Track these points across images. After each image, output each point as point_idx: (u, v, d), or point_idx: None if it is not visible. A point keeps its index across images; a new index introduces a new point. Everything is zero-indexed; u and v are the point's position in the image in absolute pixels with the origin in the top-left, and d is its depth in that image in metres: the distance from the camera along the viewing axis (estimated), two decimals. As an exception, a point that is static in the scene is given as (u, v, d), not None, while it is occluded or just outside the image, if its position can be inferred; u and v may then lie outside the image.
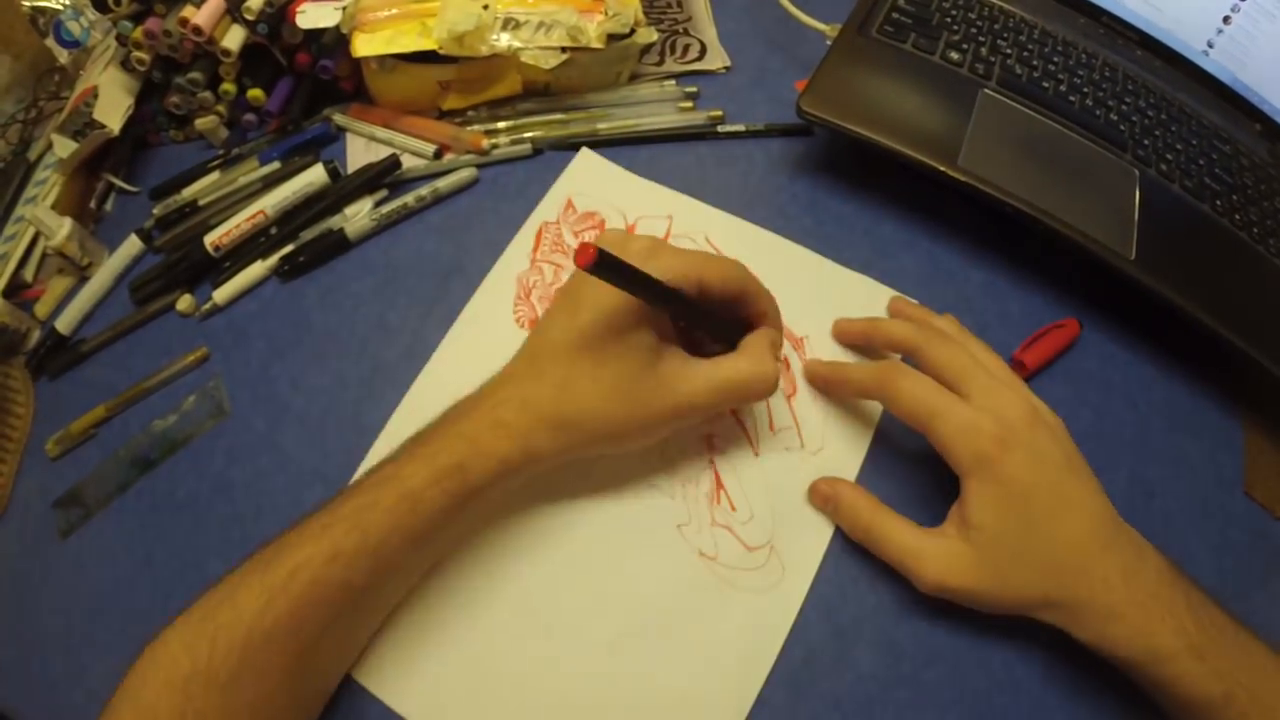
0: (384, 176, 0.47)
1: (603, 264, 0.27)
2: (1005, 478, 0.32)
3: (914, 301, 0.43)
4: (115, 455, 0.41)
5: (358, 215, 0.46)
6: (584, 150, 0.48)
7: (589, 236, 0.45)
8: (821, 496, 0.37)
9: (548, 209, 0.46)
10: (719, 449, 0.39)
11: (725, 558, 0.37)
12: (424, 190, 0.47)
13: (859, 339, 0.41)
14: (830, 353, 0.42)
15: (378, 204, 0.47)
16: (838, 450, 0.39)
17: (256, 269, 0.45)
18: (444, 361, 0.41)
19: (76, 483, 0.41)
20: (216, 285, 0.45)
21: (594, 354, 0.32)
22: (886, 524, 0.35)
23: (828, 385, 0.40)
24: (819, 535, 0.37)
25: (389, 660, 0.34)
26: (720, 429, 0.39)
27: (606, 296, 0.32)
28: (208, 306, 0.45)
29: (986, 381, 0.34)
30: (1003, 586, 0.33)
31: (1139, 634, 0.30)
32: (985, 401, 0.34)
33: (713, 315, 0.35)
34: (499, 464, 0.31)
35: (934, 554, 0.33)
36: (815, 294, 0.43)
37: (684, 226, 0.46)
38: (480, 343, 0.42)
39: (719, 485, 0.38)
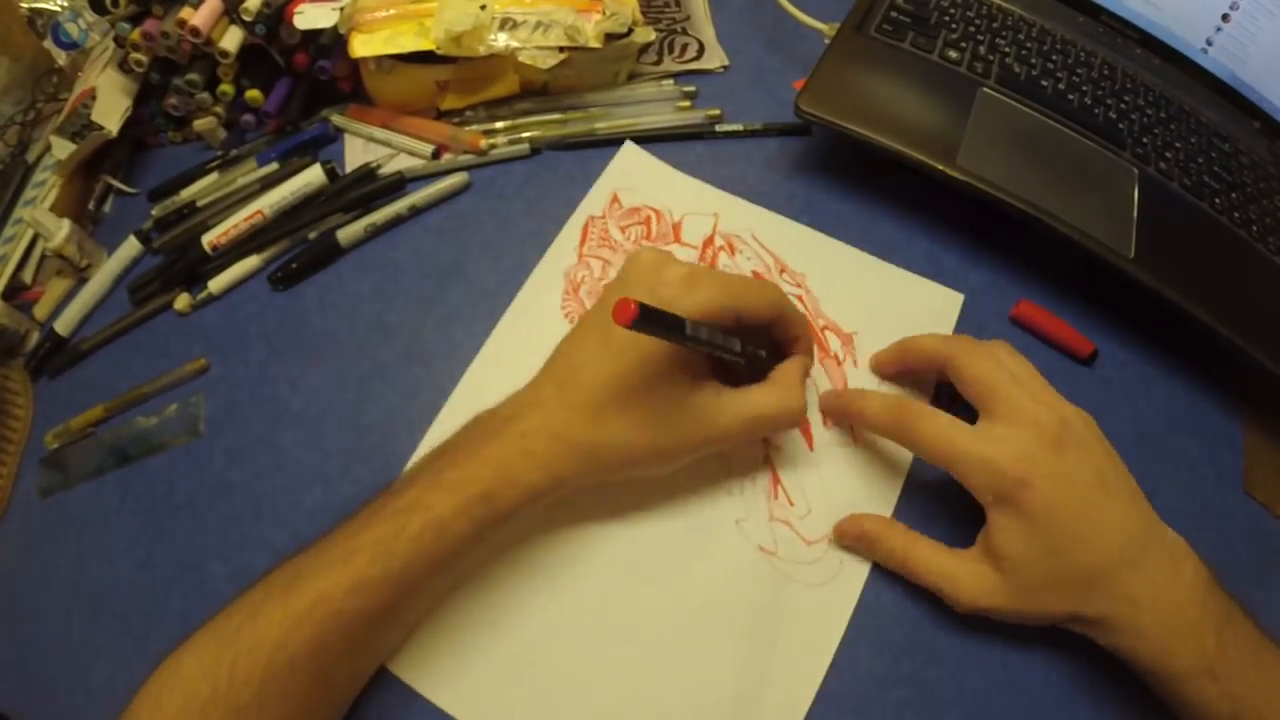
0: (383, 195, 0.47)
1: (644, 320, 0.27)
2: (1028, 513, 0.32)
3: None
4: (100, 437, 0.42)
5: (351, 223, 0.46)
6: (628, 144, 0.48)
7: (635, 233, 0.45)
8: (851, 537, 0.37)
9: (593, 203, 0.46)
10: (775, 445, 0.40)
11: (784, 552, 0.37)
12: (415, 198, 0.47)
13: (895, 365, 0.40)
14: (879, 347, 0.42)
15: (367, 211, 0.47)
16: (890, 445, 0.39)
17: (251, 261, 0.45)
18: (494, 355, 0.42)
19: (64, 446, 0.42)
20: (211, 276, 0.45)
21: (624, 395, 0.32)
22: (919, 552, 0.35)
23: (840, 418, 0.40)
24: None
25: (438, 658, 0.34)
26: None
27: (645, 343, 0.32)
28: (203, 295, 0.45)
29: (1014, 399, 0.33)
30: (1032, 605, 0.33)
31: (1159, 653, 0.30)
32: (1009, 426, 0.33)
33: (749, 354, 0.35)
34: (527, 493, 0.32)
35: (966, 578, 0.34)
36: (860, 289, 0.44)
37: (730, 225, 0.46)
38: (531, 335, 0.41)
39: (776, 481, 0.39)
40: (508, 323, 0.43)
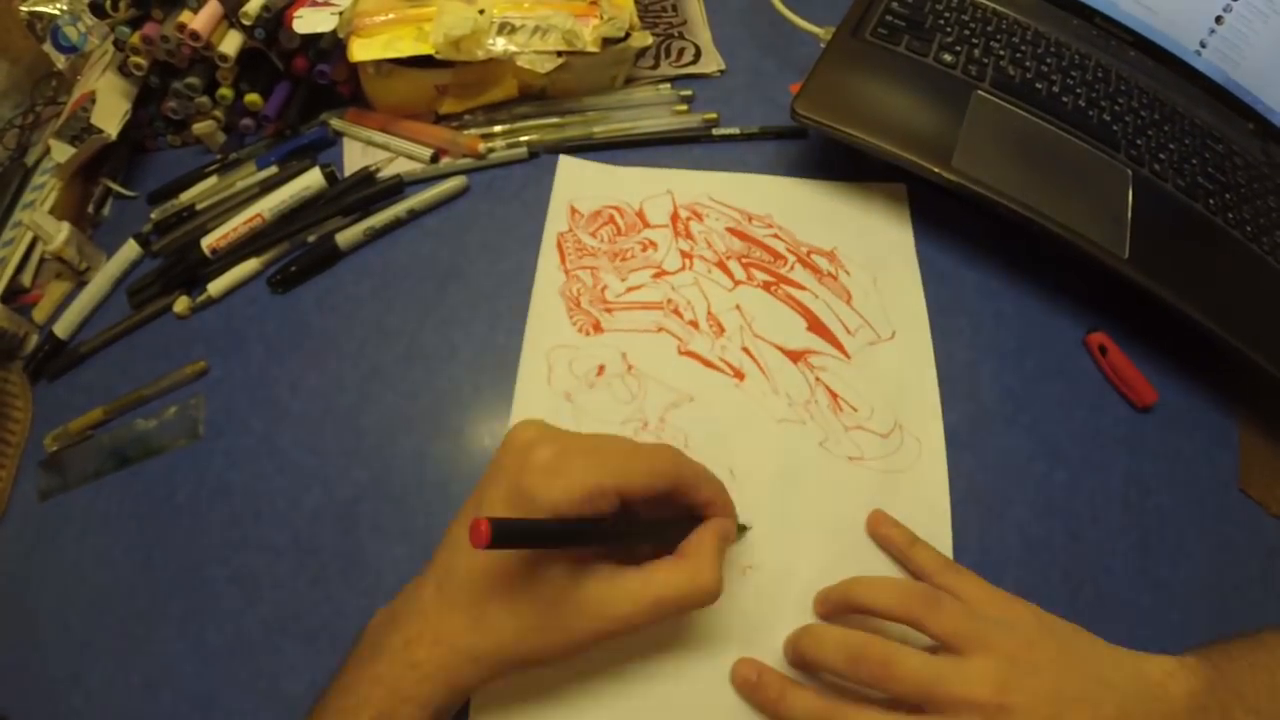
0: (382, 198, 0.47)
1: (501, 538, 0.25)
2: None
3: (893, 520, 0.37)
4: (99, 439, 0.42)
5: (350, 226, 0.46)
6: (562, 158, 0.49)
7: (606, 233, 0.46)
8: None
9: (556, 221, 0.46)
10: (815, 365, 0.42)
11: (870, 452, 0.39)
12: (414, 201, 0.47)
13: (842, 609, 0.35)
14: (864, 259, 0.46)
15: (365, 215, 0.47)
16: (907, 333, 0.43)
17: (251, 264, 0.46)
18: (528, 397, 0.41)
19: (63, 449, 0.42)
20: (210, 279, 0.45)
21: (505, 588, 0.29)
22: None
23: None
24: (928, 398, 0.41)
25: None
26: (810, 345, 0.43)
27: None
28: (202, 298, 0.45)
29: (978, 636, 0.31)
30: None
31: None
32: (977, 658, 0.30)
33: (638, 533, 0.32)
34: (421, 708, 0.29)
35: None
36: (824, 211, 0.47)
37: (687, 196, 0.48)
38: (554, 363, 0.42)
39: (833, 395, 0.41)
40: (529, 361, 0.42)
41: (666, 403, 0.40)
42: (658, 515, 0.33)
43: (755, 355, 0.42)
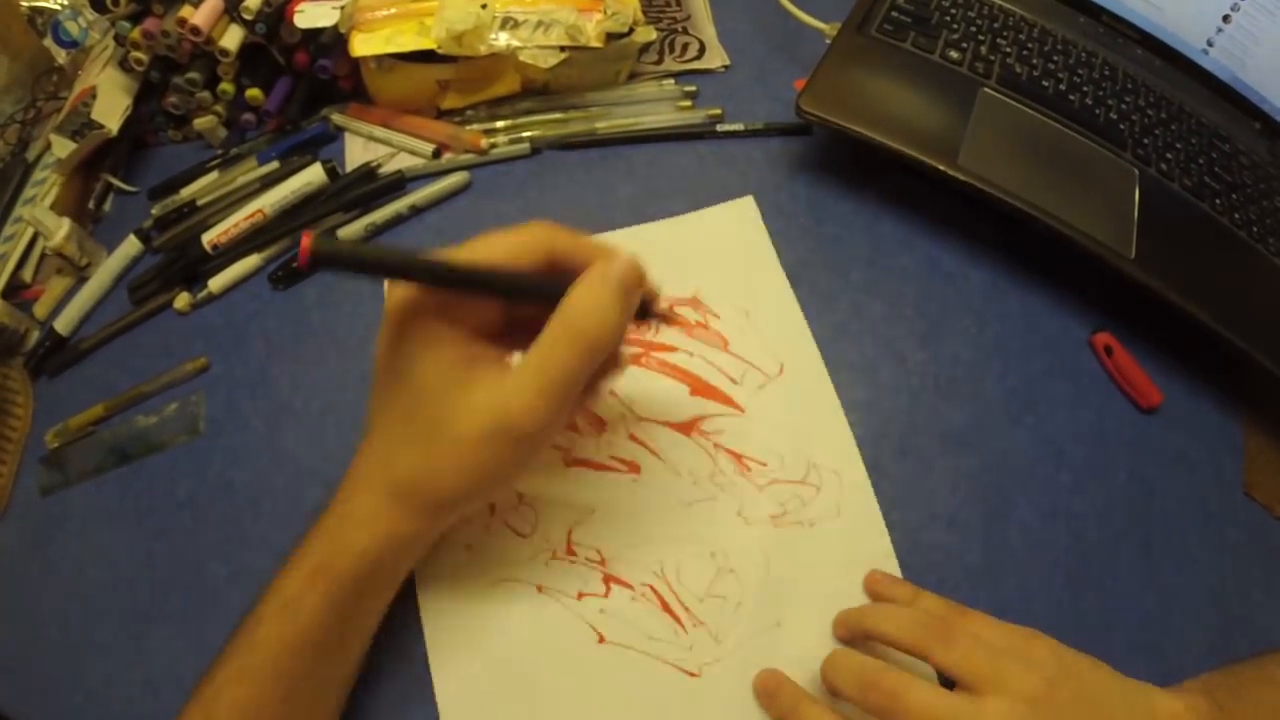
0: (384, 194, 0.47)
1: (322, 257, 0.23)
2: None
3: (891, 576, 0.37)
4: (100, 435, 0.42)
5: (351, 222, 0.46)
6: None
7: None
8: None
9: None
10: (709, 431, 0.40)
11: (791, 505, 0.38)
12: (415, 197, 0.46)
13: (859, 634, 0.35)
14: (730, 295, 0.43)
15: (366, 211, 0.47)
16: (796, 363, 0.41)
17: (252, 260, 0.45)
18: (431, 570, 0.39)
19: (64, 445, 0.42)
20: (211, 275, 0.45)
21: (401, 413, 0.29)
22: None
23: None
24: (834, 423, 0.40)
25: None
26: (698, 412, 0.40)
27: (383, 336, 0.29)
28: (203, 295, 0.45)
29: (995, 674, 0.30)
30: None
31: None
32: (997, 698, 0.30)
33: (522, 287, 0.29)
34: (357, 558, 0.29)
35: None
36: (672, 255, 0.44)
37: None
38: None
39: (736, 458, 0.39)
40: None
41: (569, 522, 0.37)
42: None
43: (644, 440, 0.39)
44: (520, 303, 0.30)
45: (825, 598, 0.35)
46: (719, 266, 0.44)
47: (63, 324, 0.45)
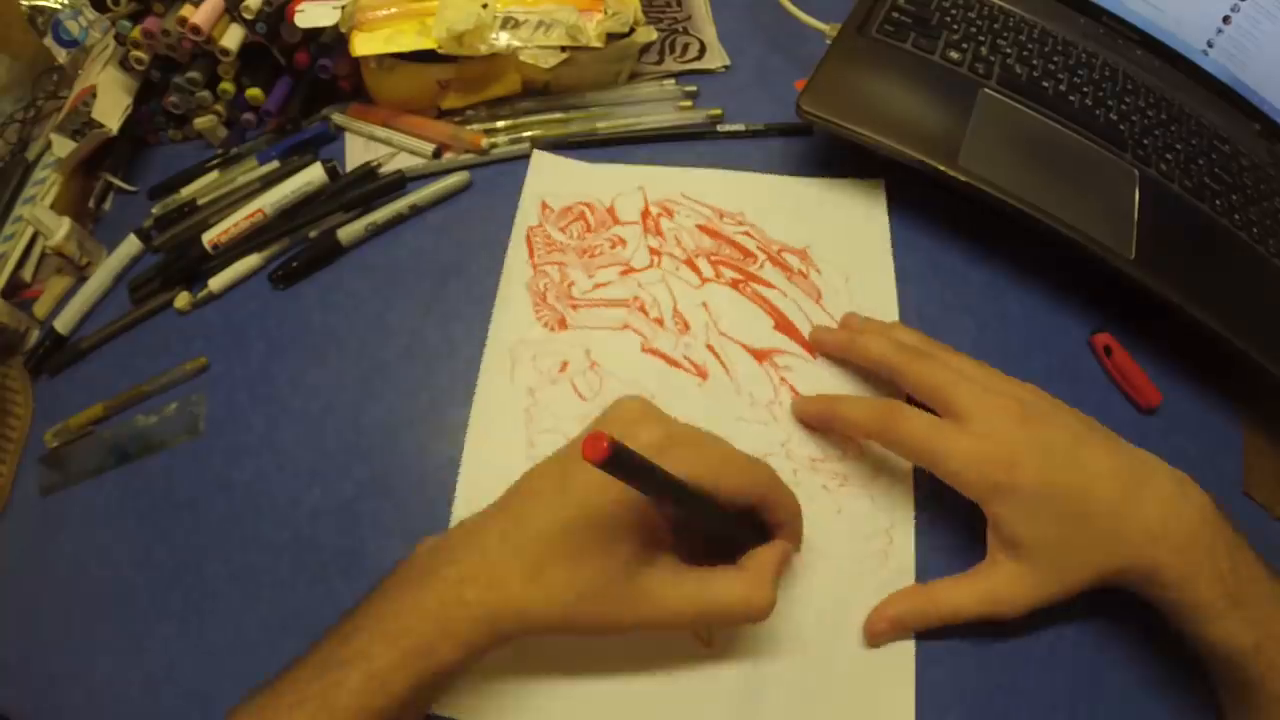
0: (384, 194, 0.47)
1: (615, 461, 0.24)
2: (1023, 494, 0.32)
3: (862, 316, 0.42)
4: (100, 435, 0.42)
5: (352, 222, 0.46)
6: (536, 153, 0.49)
7: (576, 229, 0.46)
8: (880, 634, 0.35)
9: (527, 216, 0.46)
10: (780, 365, 0.42)
11: (832, 455, 0.39)
12: (416, 197, 0.47)
13: (837, 351, 0.41)
14: (837, 258, 0.45)
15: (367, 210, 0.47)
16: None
17: (252, 259, 0.45)
18: (491, 391, 0.41)
19: (64, 445, 0.42)
20: (211, 275, 0.45)
21: (573, 552, 0.29)
22: (948, 600, 0.34)
23: (821, 424, 0.39)
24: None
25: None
26: (775, 345, 0.42)
27: (599, 492, 0.29)
28: (203, 294, 0.45)
29: (974, 394, 0.34)
30: (1064, 582, 0.33)
31: (1182, 581, 0.31)
32: (981, 421, 0.33)
33: (721, 525, 0.32)
34: (464, 648, 0.29)
35: (1001, 589, 0.33)
36: (796, 208, 0.47)
37: (659, 193, 0.47)
38: (517, 357, 0.42)
39: (797, 395, 0.41)
40: (491, 357, 0.42)
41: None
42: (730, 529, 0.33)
43: (719, 353, 0.42)
44: (712, 532, 0.33)
45: (840, 558, 0.37)
46: (835, 230, 0.46)
47: (63, 323, 0.45)
